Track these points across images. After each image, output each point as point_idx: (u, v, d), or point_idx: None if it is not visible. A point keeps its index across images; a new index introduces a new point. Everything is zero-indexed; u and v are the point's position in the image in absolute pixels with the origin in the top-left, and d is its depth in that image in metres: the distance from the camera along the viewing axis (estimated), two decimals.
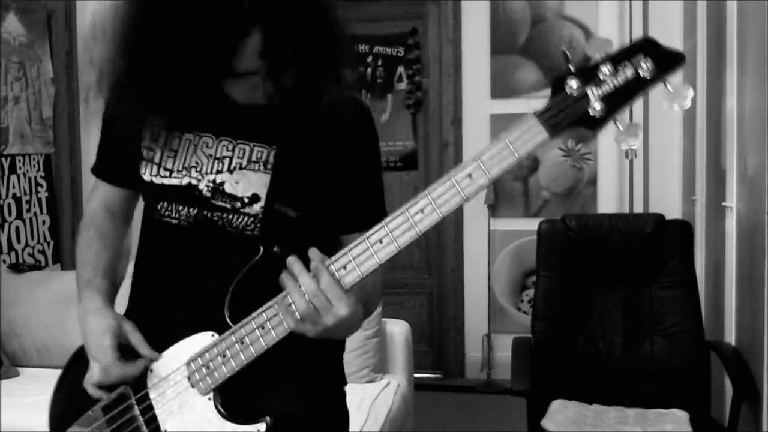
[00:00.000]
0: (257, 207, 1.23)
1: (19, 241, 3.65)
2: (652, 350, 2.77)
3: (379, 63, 4.57)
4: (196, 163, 1.25)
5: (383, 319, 3.10)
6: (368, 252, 1.08)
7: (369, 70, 4.58)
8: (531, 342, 2.81)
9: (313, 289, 1.08)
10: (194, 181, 1.25)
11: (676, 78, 1.00)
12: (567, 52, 1.04)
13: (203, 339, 1.20)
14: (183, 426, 1.22)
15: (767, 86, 2.43)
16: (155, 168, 1.28)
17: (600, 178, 4.25)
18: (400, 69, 4.56)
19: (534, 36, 4.29)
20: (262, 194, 1.23)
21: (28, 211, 3.73)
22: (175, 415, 1.22)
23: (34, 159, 3.77)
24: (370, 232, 1.09)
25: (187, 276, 1.27)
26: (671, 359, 2.74)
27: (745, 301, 2.71)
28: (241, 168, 1.24)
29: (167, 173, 1.27)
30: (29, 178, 3.74)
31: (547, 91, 1.04)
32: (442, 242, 4.51)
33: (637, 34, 4.06)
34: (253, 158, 1.24)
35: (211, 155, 1.25)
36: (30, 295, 3.23)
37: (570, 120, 1.01)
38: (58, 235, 3.94)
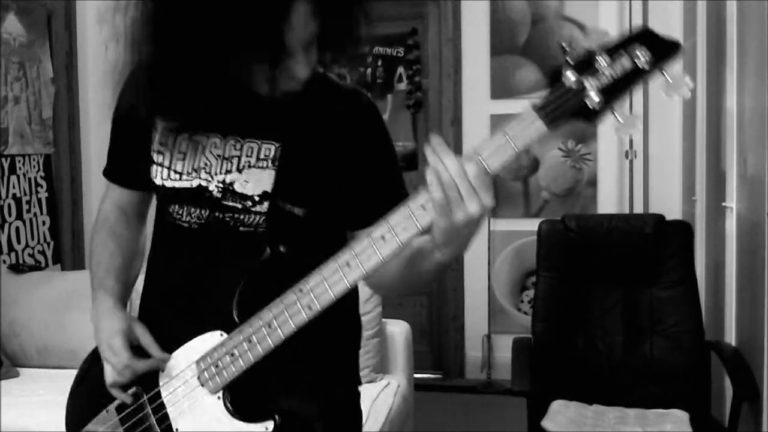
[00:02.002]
0: (267, 204, 1.23)
1: (19, 242, 3.64)
2: (652, 350, 2.77)
3: (379, 63, 4.57)
4: (205, 164, 1.25)
5: (383, 319, 3.09)
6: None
7: (369, 71, 4.58)
8: (531, 342, 2.81)
9: (457, 169, 1.01)
10: (204, 183, 1.25)
11: (675, 67, 0.99)
12: (564, 45, 1.03)
13: (212, 338, 1.21)
14: (194, 425, 1.22)
15: (767, 86, 2.43)
16: (165, 171, 1.27)
17: (600, 179, 4.25)
18: (400, 69, 4.56)
19: (534, 36, 4.29)
20: (271, 190, 1.23)
21: (28, 211, 3.73)
22: (186, 414, 1.23)
23: (34, 159, 3.77)
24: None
25: (198, 277, 1.26)
26: (671, 359, 2.74)
27: (745, 301, 2.71)
28: (249, 166, 1.23)
29: (177, 176, 1.26)
30: (29, 179, 3.74)
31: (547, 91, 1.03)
32: None
33: None
34: (262, 156, 1.23)
35: (219, 155, 1.24)
36: (30, 295, 3.23)
37: (568, 112, 0.99)
38: (58, 236, 3.94)
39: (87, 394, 1.36)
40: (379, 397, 2.83)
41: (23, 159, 3.69)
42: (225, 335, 1.19)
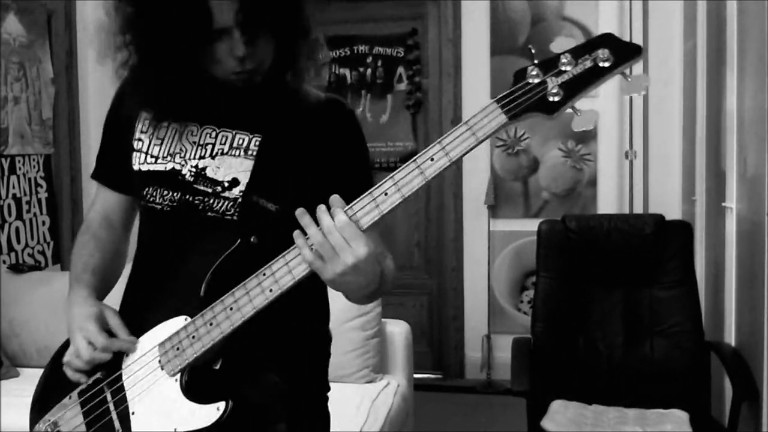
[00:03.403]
0: (236, 191, 1.28)
1: (19, 242, 3.64)
2: (652, 350, 2.77)
3: (379, 63, 4.57)
4: (181, 149, 1.31)
5: (383, 320, 3.09)
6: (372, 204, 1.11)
7: (369, 71, 4.58)
8: (531, 342, 2.81)
9: (329, 225, 1.09)
10: (178, 167, 1.31)
11: (636, 69, 1.08)
12: (532, 48, 1.12)
13: (177, 323, 1.23)
14: (150, 406, 1.23)
15: (767, 86, 2.43)
16: (143, 156, 1.33)
17: (600, 179, 4.25)
18: (400, 69, 4.56)
19: (534, 36, 4.28)
20: (242, 178, 1.28)
21: (28, 211, 3.73)
22: (143, 396, 1.24)
23: (33, 159, 3.77)
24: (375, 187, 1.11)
25: (168, 262, 1.30)
26: (671, 359, 2.74)
27: (745, 301, 2.71)
28: (222, 153, 1.29)
29: (153, 160, 1.32)
30: (29, 179, 3.74)
31: None
32: (442, 242, 4.51)
33: (637, 34, 4.06)
34: (235, 144, 1.29)
35: (195, 142, 1.31)
36: (30, 295, 3.23)
37: (527, 105, 1.07)
38: (58, 236, 3.94)
39: (54, 385, 1.38)
40: (378, 397, 2.83)
41: (23, 159, 3.69)
42: (189, 320, 1.21)
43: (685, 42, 3.92)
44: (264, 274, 1.15)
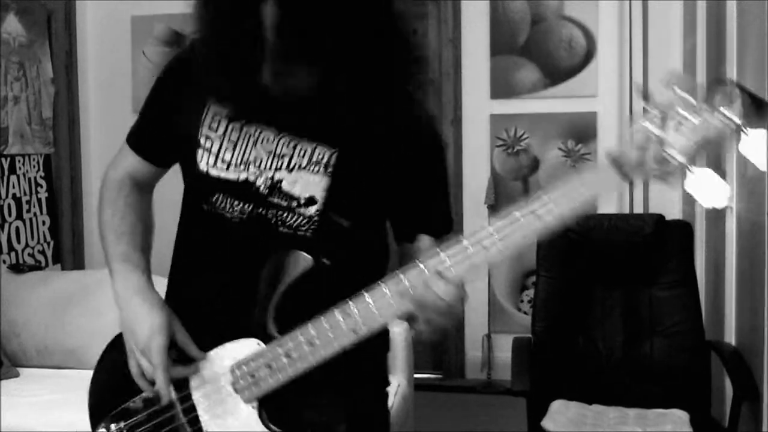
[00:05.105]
0: (312, 209, 1.20)
1: (19, 242, 3.65)
2: (652, 350, 2.77)
3: None
4: (255, 158, 1.21)
5: None
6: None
7: None
8: (531, 342, 2.81)
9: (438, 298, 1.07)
10: (252, 177, 1.21)
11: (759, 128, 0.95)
12: (641, 89, 1.03)
13: (248, 346, 1.19)
14: (226, 430, 1.21)
15: (767, 86, 2.43)
16: (213, 158, 1.23)
17: None
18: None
19: (534, 36, 4.28)
20: (319, 197, 1.20)
21: (28, 211, 3.73)
22: (218, 419, 1.21)
23: (34, 159, 3.77)
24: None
25: (235, 276, 1.24)
26: (671, 359, 2.74)
27: (745, 301, 2.71)
28: (300, 168, 1.20)
29: (224, 165, 1.22)
30: (29, 179, 3.74)
31: (547, 91, 1.04)
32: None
33: (637, 34, 4.07)
34: (314, 159, 1.20)
35: (271, 151, 1.21)
36: (30, 295, 3.23)
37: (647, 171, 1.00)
38: (58, 236, 3.94)
39: (112, 381, 1.31)
40: None
41: (23, 159, 3.69)
42: (261, 344, 1.18)
43: (685, 42, 3.92)
44: (347, 314, 1.11)
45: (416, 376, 3.35)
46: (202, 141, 1.24)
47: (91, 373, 1.37)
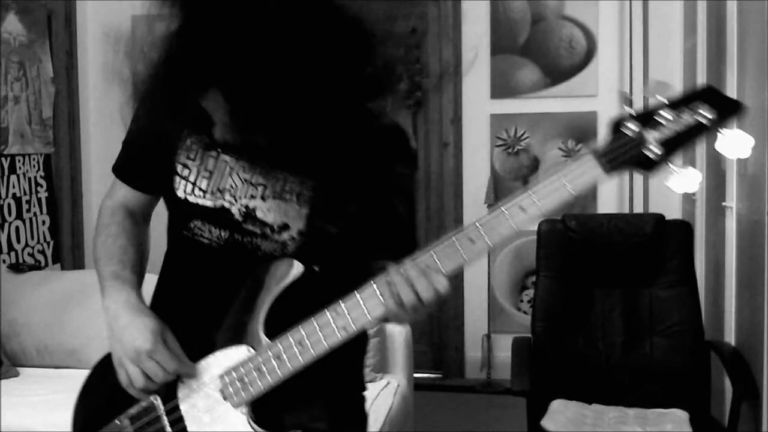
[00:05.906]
0: (286, 235, 1.23)
1: (19, 241, 3.65)
2: (652, 350, 2.77)
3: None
4: (231, 186, 1.25)
5: None
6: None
7: None
8: (531, 342, 2.81)
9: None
10: (227, 204, 1.25)
11: (734, 127, 1.05)
12: (626, 95, 1.09)
13: (238, 353, 1.20)
14: None
15: (767, 86, 2.43)
16: (189, 186, 1.27)
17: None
18: (400, 69, 4.55)
19: (534, 36, 4.28)
20: (293, 225, 1.23)
21: (28, 211, 3.73)
22: (206, 428, 1.21)
23: (34, 159, 3.77)
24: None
25: (219, 292, 1.25)
26: (671, 359, 2.74)
27: (745, 301, 2.71)
28: (274, 197, 1.24)
29: (201, 193, 1.26)
30: (29, 178, 3.74)
31: (547, 91, 1.05)
32: None
33: (637, 34, 4.07)
34: (287, 188, 1.24)
35: (246, 180, 1.25)
36: (30, 295, 3.23)
37: (628, 161, 1.04)
38: (58, 235, 3.94)
39: (98, 400, 1.31)
40: (378, 397, 2.83)
41: (23, 159, 3.69)
42: (252, 350, 1.19)
43: (685, 42, 3.92)
44: (336, 312, 1.13)
45: (416, 375, 3.35)
46: (178, 168, 1.27)
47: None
